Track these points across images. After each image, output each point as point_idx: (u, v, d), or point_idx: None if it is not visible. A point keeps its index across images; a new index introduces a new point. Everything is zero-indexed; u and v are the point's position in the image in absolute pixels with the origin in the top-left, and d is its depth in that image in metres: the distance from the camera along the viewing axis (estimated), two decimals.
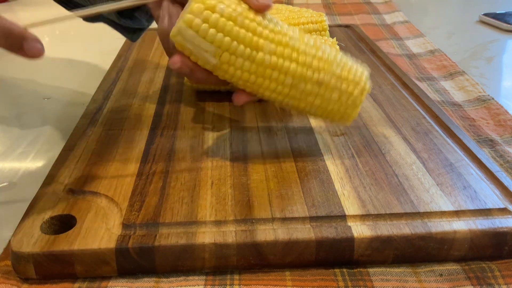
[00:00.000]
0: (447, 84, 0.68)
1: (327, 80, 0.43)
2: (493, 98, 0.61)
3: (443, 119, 0.53)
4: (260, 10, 0.41)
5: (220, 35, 0.40)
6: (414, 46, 0.85)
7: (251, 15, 0.41)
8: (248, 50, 0.40)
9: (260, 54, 0.41)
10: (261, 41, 0.41)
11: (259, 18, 0.41)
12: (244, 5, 0.41)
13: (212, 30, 0.39)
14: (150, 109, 0.56)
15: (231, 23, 0.40)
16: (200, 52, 0.40)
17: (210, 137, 0.50)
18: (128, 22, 0.52)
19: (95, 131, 0.51)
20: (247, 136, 0.50)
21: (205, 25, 0.39)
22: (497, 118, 0.58)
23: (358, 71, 0.44)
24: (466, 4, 1.19)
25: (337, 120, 0.46)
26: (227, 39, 0.40)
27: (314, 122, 0.53)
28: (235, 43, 0.40)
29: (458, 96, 0.64)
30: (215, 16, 0.39)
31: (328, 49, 0.44)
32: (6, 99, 0.67)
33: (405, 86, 0.62)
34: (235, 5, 0.40)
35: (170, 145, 0.48)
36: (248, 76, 0.42)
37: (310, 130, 0.51)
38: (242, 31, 0.40)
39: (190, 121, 0.53)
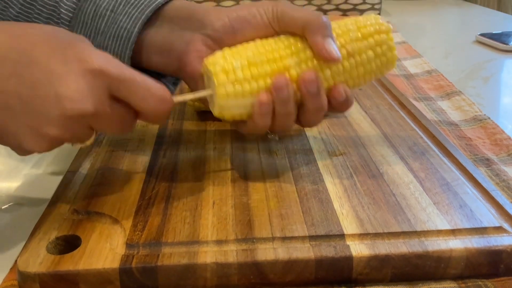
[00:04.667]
0: (444, 104, 0.69)
1: (355, 47, 0.45)
2: (489, 118, 0.63)
3: (440, 138, 0.54)
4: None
5: (253, 83, 0.42)
6: (412, 66, 0.86)
7: (262, 49, 0.43)
8: None
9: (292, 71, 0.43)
10: (286, 62, 0.43)
11: (269, 46, 0.43)
12: (250, 45, 0.43)
13: (246, 85, 0.42)
14: (153, 129, 0.57)
15: (254, 68, 0.42)
16: (247, 106, 0.42)
17: (212, 158, 0.51)
18: None
19: (100, 152, 0.52)
20: (248, 156, 0.51)
21: (238, 86, 0.41)
22: (493, 137, 0.59)
23: (372, 21, 0.47)
24: (462, 24, 1.21)
25: (386, 71, 0.49)
26: (260, 82, 0.42)
27: (313, 143, 0.54)
28: (268, 79, 0.42)
29: (454, 116, 0.65)
30: (239, 73, 0.41)
31: (334, 24, 0.46)
32: None
33: (402, 106, 0.63)
34: (244, 51, 0.43)
35: (173, 165, 0.49)
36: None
37: (309, 150, 0.52)
38: (267, 67, 0.42)
39: (192, 141, 0.54)
